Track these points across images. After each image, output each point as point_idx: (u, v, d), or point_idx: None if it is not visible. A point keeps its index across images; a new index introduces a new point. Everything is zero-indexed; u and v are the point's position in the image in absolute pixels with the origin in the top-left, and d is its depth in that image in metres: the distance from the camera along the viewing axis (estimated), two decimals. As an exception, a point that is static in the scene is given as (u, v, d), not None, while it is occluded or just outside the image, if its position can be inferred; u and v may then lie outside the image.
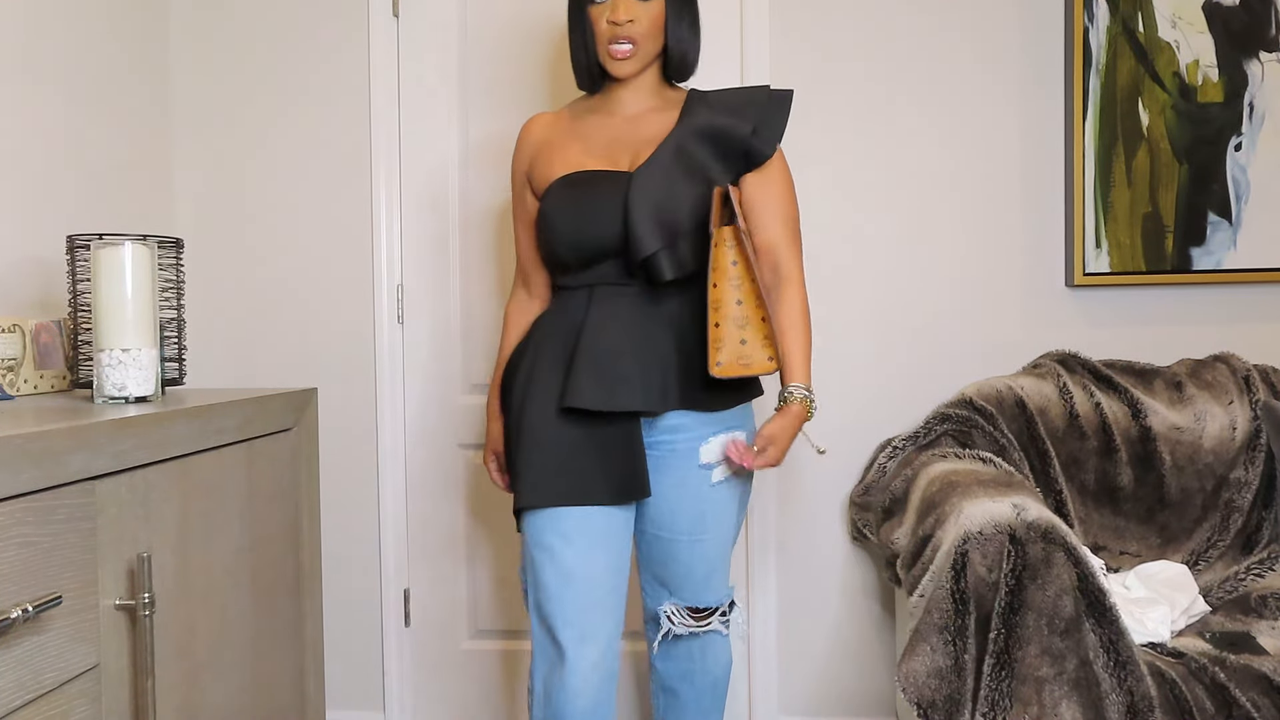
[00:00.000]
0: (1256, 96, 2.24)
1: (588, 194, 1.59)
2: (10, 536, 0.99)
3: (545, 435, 1.60)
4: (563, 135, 1.68)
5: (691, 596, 1.72)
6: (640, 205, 1.54)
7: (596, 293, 1.62)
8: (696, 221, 1.56)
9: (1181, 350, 2.31)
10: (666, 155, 1.58)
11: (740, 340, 1.53)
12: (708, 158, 1.59)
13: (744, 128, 1.59)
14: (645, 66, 1.62)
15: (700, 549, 1.68)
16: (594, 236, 1.58)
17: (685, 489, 1.65)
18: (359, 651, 2.47)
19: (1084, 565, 1.52)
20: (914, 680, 1.56)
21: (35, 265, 1.93)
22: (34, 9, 1.94)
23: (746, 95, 1.66)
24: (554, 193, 1.62)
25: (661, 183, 1.56)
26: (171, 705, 1.30)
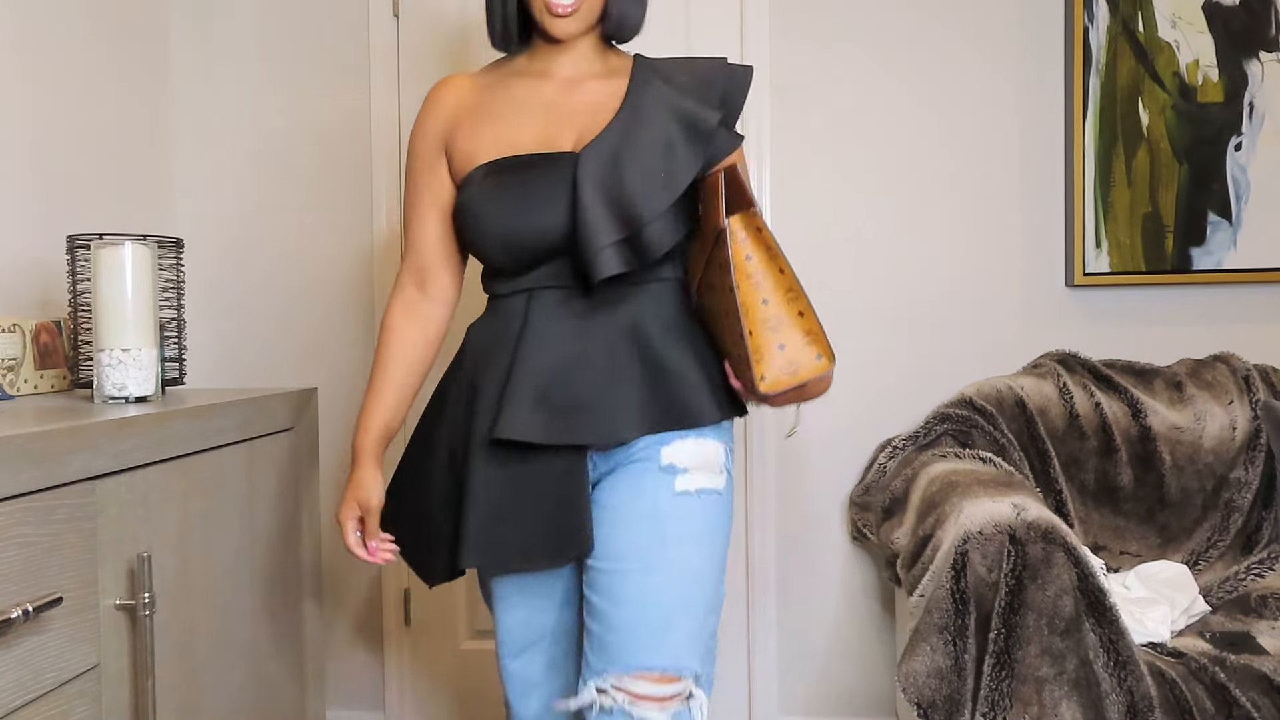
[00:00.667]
0: (1256, 96, 2.24)
1: (523, 182, 1.31)
2: (10, 536, 0.99)
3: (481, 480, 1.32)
4: (486, 105, 1.38)
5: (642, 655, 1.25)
6: (590, 191, 1.27)
7: (537, 299, 1.34)
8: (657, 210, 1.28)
9: (1181, 350, 2.31)
10: (619, 132, 1.30)
11: (778, 345, 1.26)
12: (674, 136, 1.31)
13: (711, 116, 1.32)
14: (588, 28, 1.36)
15: (656, 582, 1.27)
16: (533, 234, 1.30)
17: (639, 499, 1.30)
18: (359, 651, 2.47)
19: (1084, 565, 1.52)
20: (914, 680, 1.56)
21: (35, 265, 1.93)
22: (34, 9, 1.94)
23: (704, 71, 1.38)
24: (479, 182, 1.33)
25: (615, 164, 1.28)
26: (171, 705, 1.30)
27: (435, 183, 1.42)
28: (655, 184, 1.28)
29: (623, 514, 1.31)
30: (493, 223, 1.32)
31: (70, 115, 2.05)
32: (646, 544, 1.29)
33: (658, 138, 1.30)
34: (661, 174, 1.29)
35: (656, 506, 1.30)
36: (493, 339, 1.37)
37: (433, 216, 1.43)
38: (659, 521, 1.29)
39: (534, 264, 1.34)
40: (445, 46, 2.41)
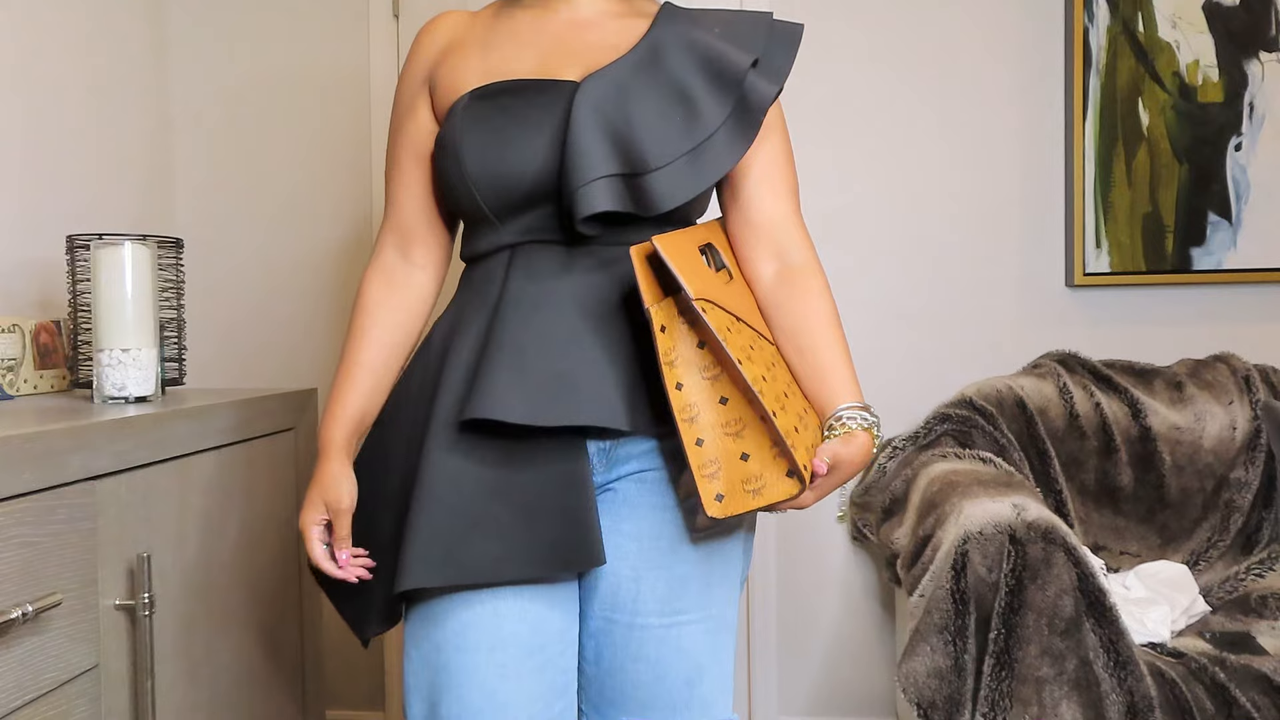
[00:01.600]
0: (1256, 96, 2.24)
1: (511, 108, 1.09)
2: (10, 537, 0.99)
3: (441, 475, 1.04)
4: (480, 38, 1.17)
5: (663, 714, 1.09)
6: (589, 119, 1.05)
7: (520, 256, 1.10)
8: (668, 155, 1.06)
9: (1181, 350, 2.31)
10: (632, 63, 1.09)
11: (740, 456, 1.00)
12: (692, 77, 1.09)
13: (743, 57, 1.09)
14: None
15: (679, 637, 1.08)
16: (519, 167, 1.07)
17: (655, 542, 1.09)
18: (359, 651, 2.47)
19: (1084, 565, 1.52)
20: (914, 680, 1.56)
21: (35, 265, 1.93)
22: (34, 9, 1.94)
23: (744, 20, 1.16)
24: (461, 110, 1.10)
25: (621, 95, 1.07)
26: (171, 705, 1.30)
27: (417, 128, 1.18)
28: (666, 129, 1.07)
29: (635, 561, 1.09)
30: (473, 154, 1.08)
31: (70, 115, 2.05)
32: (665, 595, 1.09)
33: (675, 79, 1.08)
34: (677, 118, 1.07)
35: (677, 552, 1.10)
36: (466, 306, 1.13)
37: (414, 168, 1.19)
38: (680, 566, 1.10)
39: (517, 210, 1.10)
40: (445, 46, 2.41)
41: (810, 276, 1.13)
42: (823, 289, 1.13)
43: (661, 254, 0.99)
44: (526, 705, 1.04)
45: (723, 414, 1.01)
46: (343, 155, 2.44)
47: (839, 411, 1.06)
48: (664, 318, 1.02)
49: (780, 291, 1.12)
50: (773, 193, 1.15)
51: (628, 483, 1.11)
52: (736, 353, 1.00)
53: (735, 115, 1.09)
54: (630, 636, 1.09)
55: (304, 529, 1.13)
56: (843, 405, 1.07)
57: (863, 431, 1.05)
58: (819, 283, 1.13)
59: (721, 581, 1.12)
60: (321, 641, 1.79)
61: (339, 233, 2.44)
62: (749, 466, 1.00)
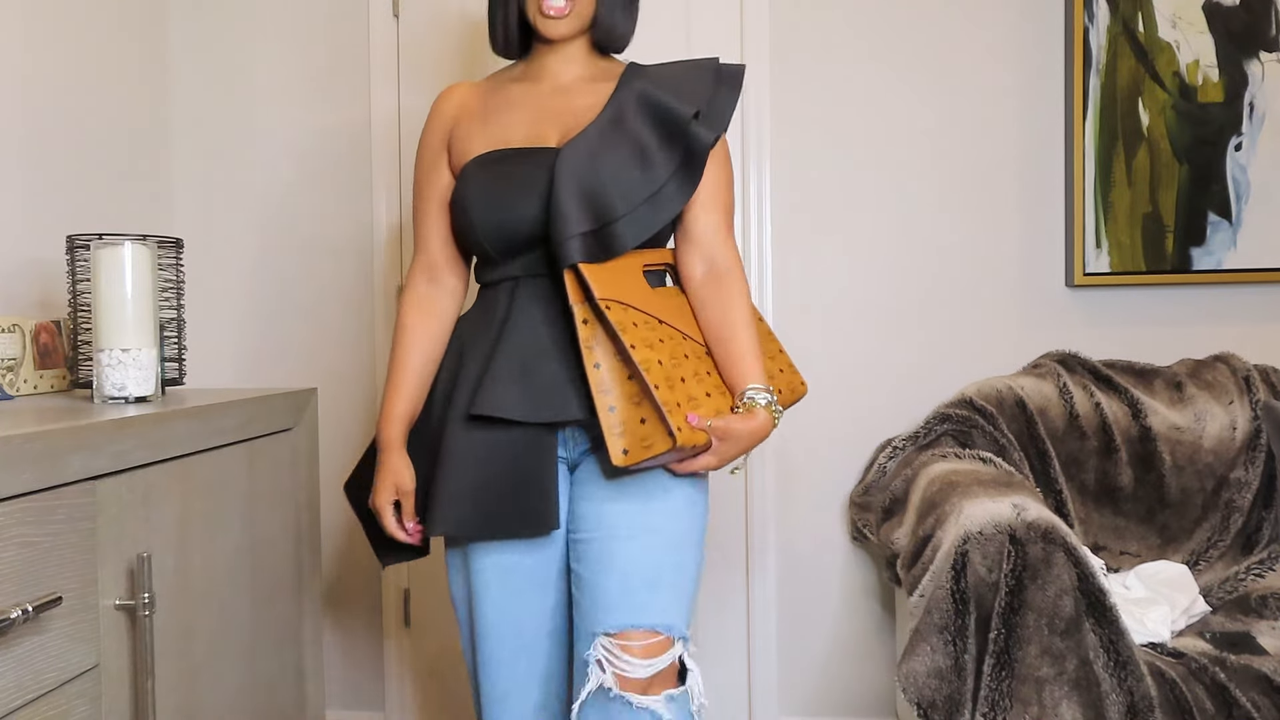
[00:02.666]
0: (1256, 96, 2.24)
1: (508, 173, 1.39)
2: (10, 536, 0.99)
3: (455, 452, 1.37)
4: (483, 107, 1.48)
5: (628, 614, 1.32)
6: (567, 184, 1.33)
7: (521, 286, 1.41)
8: (631, 204, 1.35)
9: (1181, 350, 2.31)
10: (599, 129, 1.38)
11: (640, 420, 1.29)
12: (648, 134, 1.38)
13: (687, 109, 1.37)
14: (579, 30, 1.44)
15: (640, 549, 1.35)
16: (516, 221, 1.37)
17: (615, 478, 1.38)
18: (359, 651, 2.47)
19: (1084, 565, 1.52)
20: (914, 680, 1.56)
21: (35, 265, 1.93)
22: (34, 9, 1.94)
23: (693, 70, 1.45)
24: (470, 173, 1.42)
25: (592, 160, 1.35)
26: (171, 705, 1.30)
27: (439, 183, 1.51)
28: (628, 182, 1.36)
29: (610, 489, 1.38)
30: (479, 211, 1.40)
31: (70, 115, 2.05)
32: (632, 516, 1.37)
33: (634, 137, 1.38)
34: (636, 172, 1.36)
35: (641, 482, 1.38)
36: (478, 324, 1.45)
37: (438, 216, 1.51)
38: (644, 497, 1.38)
39: (517, 252, 1.41)
40: (445, 46, 2.41)
41: (732, 282, 1.42)
42: (741, 291, 1.42)
43: (580, 271, 1.32)
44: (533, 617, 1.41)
45: (628, 388, 1.30)
46: (343, 155, 2.44)
47: (744, 390, 1.36)
48: (585, 314, 1.32)
49: (705, 290, 1.42)
50: (705, 212, 1.44)
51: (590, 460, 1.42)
52: (630, 339, 1.29)
53: (682, 164, 1.38)
54: (602, 549, 1.36)
55: (380, 508, 1.45)
56: (748, 386, 1.36)
57: (761, 407, 1.34)
58: (739, 287, 1.42)
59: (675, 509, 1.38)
60: (321, 642, 1.79)
61: (339, 232, 2.44)
62: (645, 428, 1.28)
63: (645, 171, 1.37)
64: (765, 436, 1.35)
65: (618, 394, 1.30)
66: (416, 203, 1.53)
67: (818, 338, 2.36)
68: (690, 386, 1.33)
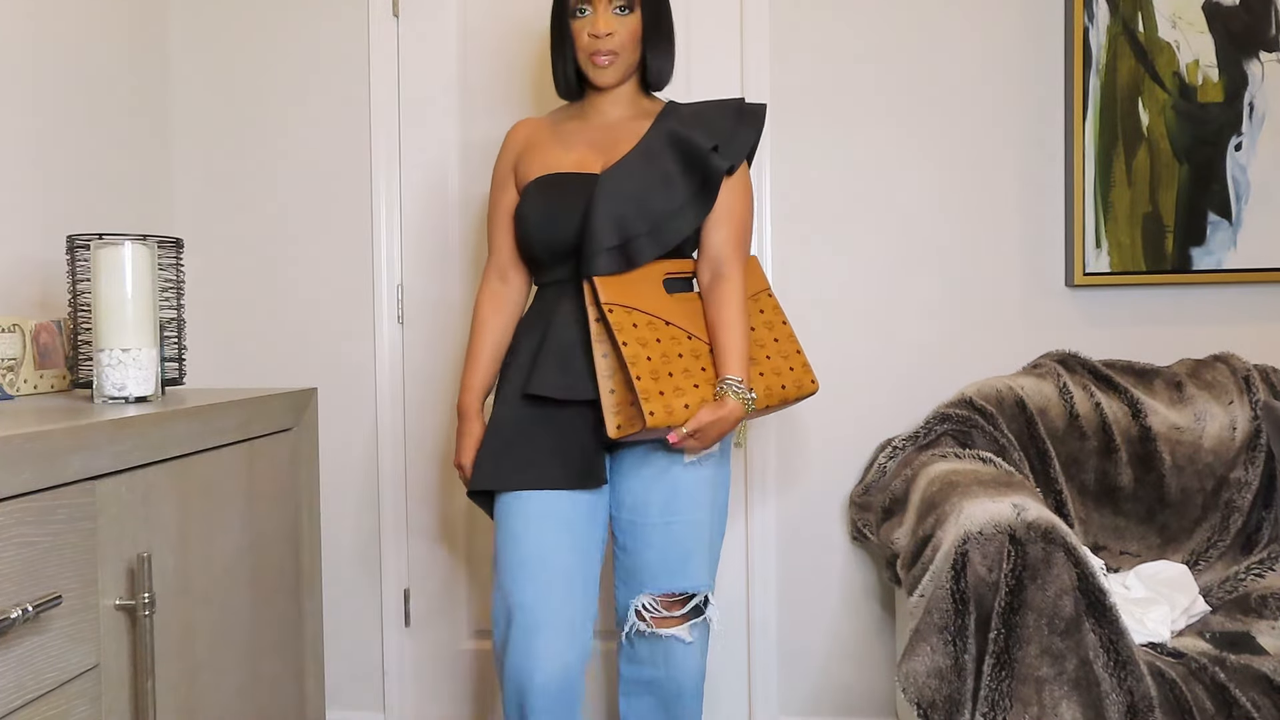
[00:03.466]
0: (1256, 96, 2.24)
1: (558, 194, 1.67)
2: (10, 536, 0.99)
3: (506, 420, 1.68)
4: (545, 139, 1.76)
5: (667, 582, 1.68)
6: (602, 205, 1.62)
7: (566, 289, 1.70)
8: (653, 224, 1.64)
9: (1181, 350, 2.31)
10: (634, 159, 1.66)
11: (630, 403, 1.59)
12: (672, 165, 1.65)
13: (706, 142, 1.65)
14: (625, 77, 1.72)
15: (673, 531, 1.67)
16: (561, 234, 1.66)
17: (654, 466, 1.68)
18: (359, 651, 2.47)
19: (1084, 565, 1.52)
20: (914, 680, 1.56)
21: (35, 265, 1.93)
22: (34, 9, 1.94)
23: (719, 108, 1.73)
24: (529, 193, 1.71)
25: (626, 185, 1.64)
26: (171, 705, 1.30)
27: (506, 200, 1.80)
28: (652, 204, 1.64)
29: (645, 482, 1.69)
30: (533, 225, 1.68)
31: (70, 115, 2.05)
32: (662, 505, 1.67)
33: (661, 167, 1.66)
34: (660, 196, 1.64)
35: (669, 478, 1.68)
36: (532, 321, 1.75)
37: (507, 226, 1.80)
38: (671, 486, 1.68)
39: (563, 260, 1.69)
40: (445, 46, 2.41)
41: (727, 288, 1.67)
42: (731, 297, 1.66)
43: (594, 283, 1.62)
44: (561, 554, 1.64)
45: (623, 375, 1.60)
46: (343, 155, 2.44)
47: (720, 381, 1.63)
48: (595, 315, 1.62)
49: (708, 295, 1.69)
50: (715, 229, 1.70)
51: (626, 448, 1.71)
52: (624, 337, 1.58)
53: (699, 189, 1.67)
54: (641, 531, 1.69)
55: (462, 466, 1.79)
56: (724, 377, 1.62)
57: (733, 396, 1.61)
58: (731, 293, 1.67)
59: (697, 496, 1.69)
60: (321, 642, 1.79)
61: (339, 232, 2.45)
62: (633, 409, 1.58)
63: (667, 195, 1.64)
64: (738, 420, 1.62)
65: (616, 380, 1.60)
66: (490, 215, 1.83)
67: (818, 337, 2.36)
68: (678, 379, 1.60)
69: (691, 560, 1.68)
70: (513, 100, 2.39)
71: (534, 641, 1.60)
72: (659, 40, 1.72)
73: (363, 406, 2.45)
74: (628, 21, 1.68)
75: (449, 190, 2.42)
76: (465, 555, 2.45)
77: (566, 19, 1.70)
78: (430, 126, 2.41)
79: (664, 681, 1.73)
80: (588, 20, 1.67)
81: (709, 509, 1.71)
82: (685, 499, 1.68)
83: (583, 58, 1.69)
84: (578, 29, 1.69)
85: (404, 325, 2.44)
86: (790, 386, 1.73)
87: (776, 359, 1.74)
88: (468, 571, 2.45)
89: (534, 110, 2.38)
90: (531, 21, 2.39)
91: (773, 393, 1.70)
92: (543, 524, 1.64)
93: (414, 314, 2.44)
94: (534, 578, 1.61)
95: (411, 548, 2.46)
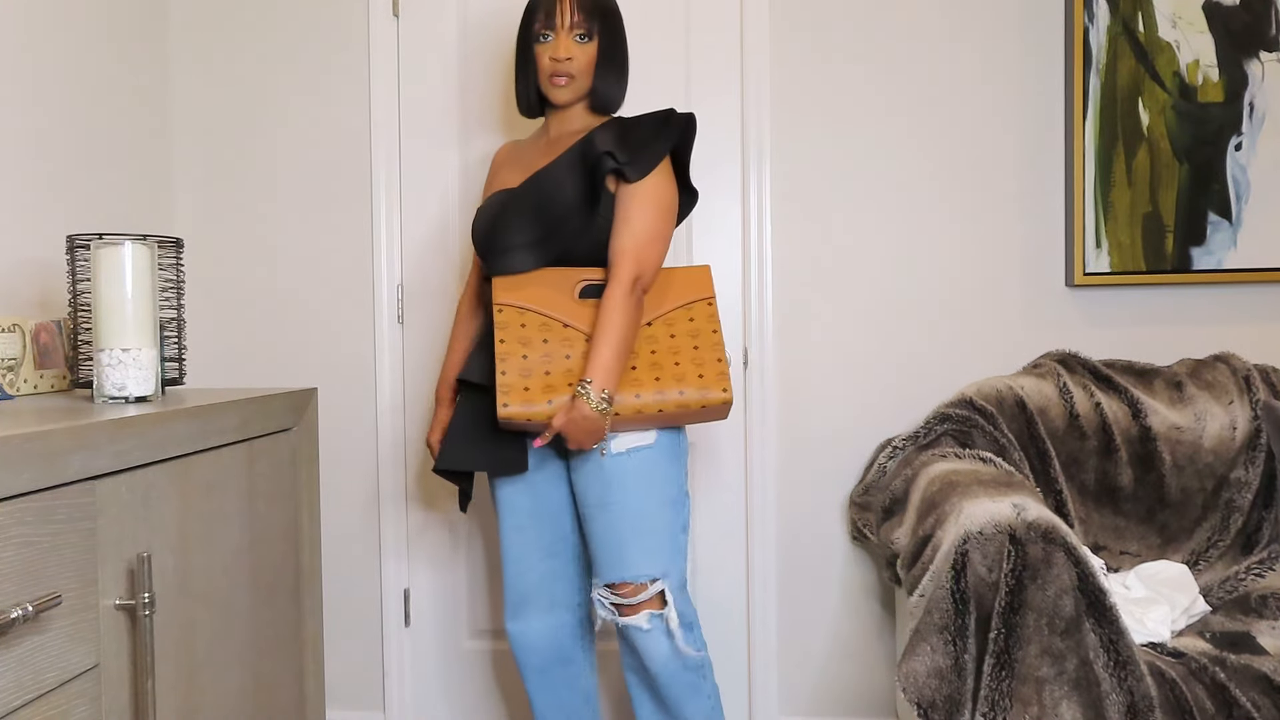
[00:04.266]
0: (1256, 96, 2.24)
1: (488, 206, 1.85)
2: (10, 536, 0.99)
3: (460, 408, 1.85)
4: (507, 162, 1.95)
5: (607, 571, 1.78)
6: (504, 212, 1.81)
7: None
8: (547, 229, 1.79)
9: (1181, 350, 2.31)
10: (547, 170, 1.80)
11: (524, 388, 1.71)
12: (574, 173, 1.78)
13: (600, 149, 1.76)
14: (578, 98, 1.86)
15: (607, 519, 1.77)
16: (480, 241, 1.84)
17: (587, 463, 1.79)
18: (359, 651, 2.47)
19: (1084, 565, 1.52)
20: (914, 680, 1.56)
21: (35, 265, 1.93)
22: (34, 9, 1.94)
23: (646, 120, 1.83)
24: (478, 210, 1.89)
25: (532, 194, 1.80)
26: (171, 705, 1.30)
27: None
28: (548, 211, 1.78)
29: (584, 474, 1.79)
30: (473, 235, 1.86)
31: (70, 115, 2.05)
32: (597, 496, 1.78)
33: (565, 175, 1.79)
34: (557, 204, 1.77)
35: (600, 467, 1.77)
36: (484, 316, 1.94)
37: None
38: (602, 477, 1.77)
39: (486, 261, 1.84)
40: (445, 46, 2.41)
41: (609, 294, 1.73)
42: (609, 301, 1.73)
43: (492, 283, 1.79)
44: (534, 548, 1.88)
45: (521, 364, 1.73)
46: (343, 154, 2.44)
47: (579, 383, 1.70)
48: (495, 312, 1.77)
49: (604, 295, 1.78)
50: (614, 237, 1.77)
51: None
52: (504, 335, 1.73)
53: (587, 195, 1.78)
54: (586, 521, 1.81)
55: (431, 444, 2.01)
56: (582, 379, 1.69)
57: (584, 397, 1.68)
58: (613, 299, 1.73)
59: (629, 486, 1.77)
60: (322, 642, 1.79)
61: (339, 232, 2.44)
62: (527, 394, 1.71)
63: (562, 201, 1.77)
64: (591, 419, 1.68)
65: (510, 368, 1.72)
66: None
67: (818, 337, 2.36)
68: (555, 377, 1.72)
69: (628, 549, 1.76)
70: (512, 100, 2.39)
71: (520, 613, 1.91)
72: (610, 68, 1.85)
73: (363, 406, 2.45)
74: (586, 49, 1.82)
75: (449, 190, 2.42)
76: (465, 555, 2.45)
77: (531, 43, 1.85)
78: (430, 126, 2.41)
79: (640, 669, 1.84)
80: (549, 45, 1.82)
81: (643, 498, 1.77)
82: (615, 489, 1.76)
83: (543, 78, 1.84)
84: (540, 52, 1.83)
85: (404, 325, 2.44)
86: (692, 394, 1.73)
87: (686, 365, 1.76)
88: (468, 571, 2.45)
89: (534, 110, 2.39)
90: (531, 21, 2.39)
91: (667, 400, 1.72)
92: (513, 519, 1.88)
93: (414, 314, 2.44)
94: (514, 562, 1.89)
95: (411, 548, 2.46)
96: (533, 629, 1.91)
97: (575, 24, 1.80)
